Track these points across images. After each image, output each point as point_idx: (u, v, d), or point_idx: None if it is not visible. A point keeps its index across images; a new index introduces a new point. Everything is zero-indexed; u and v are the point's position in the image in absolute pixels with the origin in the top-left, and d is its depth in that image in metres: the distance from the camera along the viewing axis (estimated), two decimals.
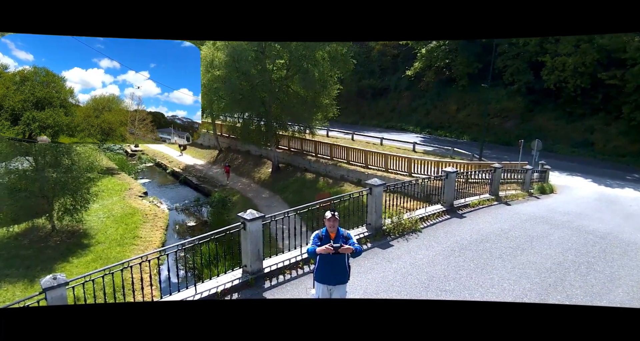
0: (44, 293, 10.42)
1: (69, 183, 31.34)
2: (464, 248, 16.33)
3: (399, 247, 16.25)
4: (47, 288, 10.35)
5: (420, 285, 13.42)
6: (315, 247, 9.89)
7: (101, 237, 30.75)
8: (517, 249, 16.49)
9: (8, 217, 30.42)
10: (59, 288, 10.47)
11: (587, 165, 39.82)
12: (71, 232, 31.78)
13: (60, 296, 10.49)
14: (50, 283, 10.40)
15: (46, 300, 10.39)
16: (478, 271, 14.53)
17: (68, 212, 31.76)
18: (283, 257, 14.78)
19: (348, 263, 10.16)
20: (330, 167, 41.04)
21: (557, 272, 14.63)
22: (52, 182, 30.50)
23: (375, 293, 12.89)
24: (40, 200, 31.05)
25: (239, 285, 13.30)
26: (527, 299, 12.76)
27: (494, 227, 19.04)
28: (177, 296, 12.56)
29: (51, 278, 10.51)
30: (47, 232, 31.70)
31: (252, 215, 13.48)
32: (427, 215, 19.39)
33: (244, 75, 39.15)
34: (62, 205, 31.87)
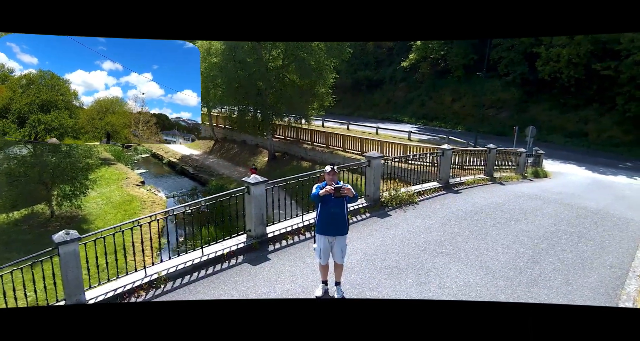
0: (56, 248, 10.64)
1: (68, 169, 31.48)
2: (460, 218, 16.75)
3: (397, 217, 16.66)
4: (60, 243, 10.57)
5: (417, 248, 13.84)
6: (318, 191, 10.40)
7: (100, 223, 30.62)
8: (510, 220, 16.90)
9: (7, 202, 30.51)
10: (71, 243, 10.72)
11: (581, 155, 40.00)
12: (70, 217, 31.90)
13: (72, 251, 10.76)
14: (63, 238, 10.62)
15: (59, 255, 10.65)
16: (473, 237, 14.95)
17: (67, 197, 31.95)
18: (285, 224, 15.19)
19: (347, 216, 10.64)
20: (326, 155, 41.05)
21: (549, 239, 15.04)
22: (51, 167, 30.66)
23: (374, 254, 13.32)
24: (39, 186, 31.23)
25: (244, 248, 13.68)
26: (519, 261, 13.20)
27: (489, 201, 19.45)
28: (185, 258, 12.95)
29: (64, 233, 10.72)
30: (46, 217, 31.84)
31: (255, 179, 13.90)
32: (424, 189, 19.77)
33: (240, 64, 39.18)
34: (61, 190, 32.04)
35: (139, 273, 12.21)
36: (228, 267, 12.77)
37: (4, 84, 13.28)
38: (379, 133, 45.41)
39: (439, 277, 11.99)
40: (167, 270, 12.33)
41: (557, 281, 12.06)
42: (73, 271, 10.83)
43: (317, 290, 11.15)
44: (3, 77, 13.04)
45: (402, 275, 12.06)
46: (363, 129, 47.50)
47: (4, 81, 13.19)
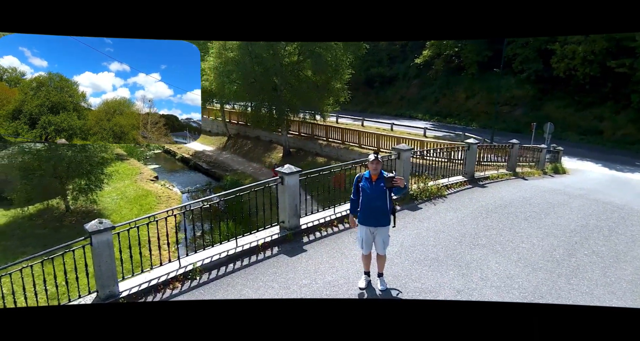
0: (89, 237, 10.48)
1: (83, 163, 31.47)
2: (490, 212, 16.62)
3: (427, 210, 16.54)
4: (93, 232, 10.41)
5: (453, 240, 13.73)
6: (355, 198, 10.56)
7: (116, 217, 30.41)
8: (540, 213, 16.76)
9: (22, 197, 30.47)
10: (105, 232, 10.56)
11: (596, 152, 39.88)
12: (85, 212, 31.82)
13: (106, 241, 10.61)
14: (97, 227, 10.46)
15: (92, 245, 10.51)
16: (506, 230, 14.81)
17: (83, 191, 31.85)
18: (318, 215, 15.07)
19: (392, 206, 10.39)
20: (342, 151, 41.08)
21: (581, 233, 14.89)
22: (66, 161, 30.68)
23: (411, 246, 13.21)
24: (54, 180, 31.28)
25: (278, 239, 13.55)
26: (555, 253, 13.08)
27: (516, 195, 19.33)
28: (220, 249, 12.83)
29: (97, 222, 10.58)
30: (61, 212, 31.85)
31: (290, 169, 13.76)
32: (450, 183, 19.66)
33: (256, 59, 39.08)
34: (76, 184, 31.96)
35: (173, 264, 12.07)
36: (264, 258, 12.62)
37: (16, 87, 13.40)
38: (394, 129, 45.23)
39: (480, 269, 11.86)
40: (202, 261, 12.18)
41: (594, 273, 11.92)
42: (106, 261, 10.68)
43: (359, 281, 10.98)
44: (15, 80, 13.18)
45: (442, 267, 11.93)
46: (377, 125, 47.43)
47: (16, 84, 13.31)
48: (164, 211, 12.55)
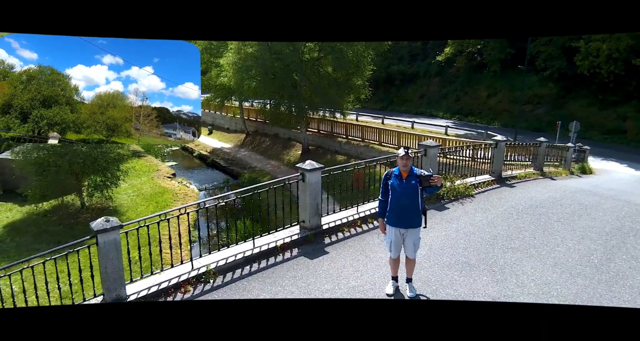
0: (95, 236, 9.85)
1: (99, 159, 30.96)
2: (521, 212, 15.94)
3: (455, 210, 15.90)
4: (99, 231, 9.76)
5: (485, 243, 13.04)
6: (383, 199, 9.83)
7: (132, 214, 30.02)
8: (573, 215, 16.07)
9: (37, 193, 29.98)
10: (112, 232, 9.91)
11: (620, 152, 39.32)
12: (101, 209, 31.26)
13: (113, 240, 9.97)
14: (103, 226, 9.80)
15: (97, 245, 9.88)
16: (540, 232, 14.12)
17: (98, 187, 31.41)
18: (340, 215, 14.39)
19: (423, 206, 9.70)
20: (361, 149, 40.43)
21: (617, 236, 14.18)
22: (82, 157, 30.15)
23: (440, 249, 12.52)
24: (70, 176, 30.76)
25: (298, 240, 12.87)
26: (593, 257, 12.34)
27: (546, 195, 18.65)
28: (236, 250, 12.16)
29: (103, 220, 9.90)
30: (76, 208, 31.41)
31: (312, 166, 13.05)
32: (477, 182, 19.03)
33: (276, 55, 38.46)
34: (92, 181, 31.54)
35: (185, 266, 11.39)
36: (283, 260, 11.94)
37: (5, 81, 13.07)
38: (415, 127, 44.60)
39: (515, 275, 11.13)
40: (216, 263, 11.50)
41: (636, 280, 11.17)
42: (113, 262, 10.04)
43: (387, 287, 10.26)
44: (3, 73, 12.88)
45: (475, 272, 11.22)
46: (398, 123, 46.96)
47: (5, 78, 12.98)
48: (175, 209, 12.00)
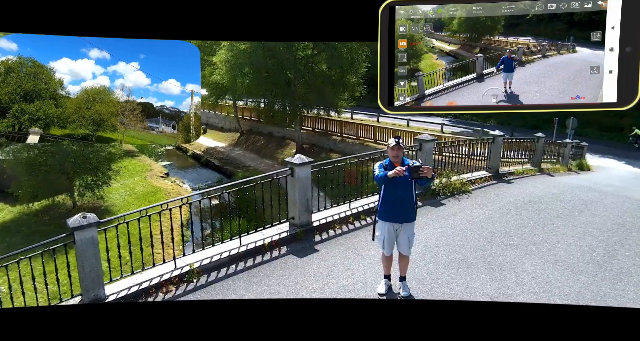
0: (71, 234, 9.41)
1: (90, 158, 30.56)
2: (520, 208, 15.54)
3: (451, 206, 15.49)
4: (75, 228, 9.33)
5: (482, 240, 12.60)
6: (385, 172, 8.86)
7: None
8: (573, 210, 15.68)
9: (28, 193, 29.65)
10: (89, 229, 9.47)
11: (617, 149, 39.41)
12: (92, 208, 30.66)
13: (90, 238, 9.53)
14: (79, 222, 9.37)
15: (74, 243, 9.46)
16: (539, 228, 13.70)
17: (89, 187, 31.01)
18: (331, 211, 13.93)
19: (416, 200, 9.24)
20: (356, 147, 40.03)
21: (619, 232, 13.76)
22: (72, 156, 29.75)
23: (436, 246, 12.08)
24: (61, 175, 30.39)
25: (287, 237, 12.43)
26: (595, 254, 11.93)
27: (544, 191, 18.27)
28: (221, 248, 11.72)
29: (80, 217, 9.48)
30: (68, 208, 30.85)
31: (301, 160, 12.58)
32: (474, 178, 18.63)
33: (270, 52, 38.09)
34: (83, 180, 31.10)
35: (167, 265, 10.96)
36: (270, 259, 11.48)
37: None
38: (410, 125, 44.24)
39: (515, 272, 10.68)
40: (200, 262, 11.05)
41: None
42: (90, 261, 9.59)
43: (379, 286, 9.78)
44: None
45: (472, 270, 10.77)
46: (393, 121, 46.61)
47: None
48: (157, 205, 11.42)
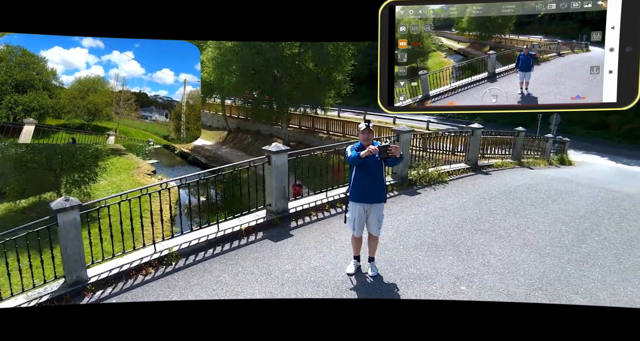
0: (54, 216, 9.74)
1: (77, 154, 30.72)
2: (494, 197, 15.87)
3: (427, 195, 15.80)
4: (58, 210, 9.67)
5: (453, 225, 12.91)
6: (358, 153, 9.17)
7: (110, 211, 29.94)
8: (547, 199, 16.02)
9: (15, 190, 29.78)
10: (71, 211, 9.81)
11: (602, 146, 39.61)
12: None
13: (72, 220, 9.85)
14: (62, 205, 9.70)
15: (57, 225, 9.78)
16: (511, 215, 14.01)
17: (76, 183, 31.15)
18: (308, 199, 14.22)
19: (385, 181, 9.54)
20: (343, 144, 40.10)
21: (590, 219, 14.11)
22: (59, 153, 29.92)
23: (407, 231, 12.36)
24: (48, 172, 30.51)
25: (264, 223, 12.74)
26: (564, 239, 12.28)
27: (521, 182, 18.60)
28: (200, 233, 12.04)
29: (63, 200, 9.85)
30: None
31: (277, 148, 12.90)
32: (452, 170, 18.97)
33: (256, 49, 38.29)
34: (70, 177, 31.25)
35: (147, 249, 11.32)
36: (247, 243, 11.81)
37: None
38: (397, 123, 44.45)
39: (482, 255, 11.02)
40: (179, 246, 11.39)
41: (607, 259, 11.13)
42: (73, 243, 9.91)
43: (348, 267, 10.10)
44: None
45: (440, 252, 11.10)
46: (380, 119, 46.93)
47: None
48: (137, 189, 11.86)
